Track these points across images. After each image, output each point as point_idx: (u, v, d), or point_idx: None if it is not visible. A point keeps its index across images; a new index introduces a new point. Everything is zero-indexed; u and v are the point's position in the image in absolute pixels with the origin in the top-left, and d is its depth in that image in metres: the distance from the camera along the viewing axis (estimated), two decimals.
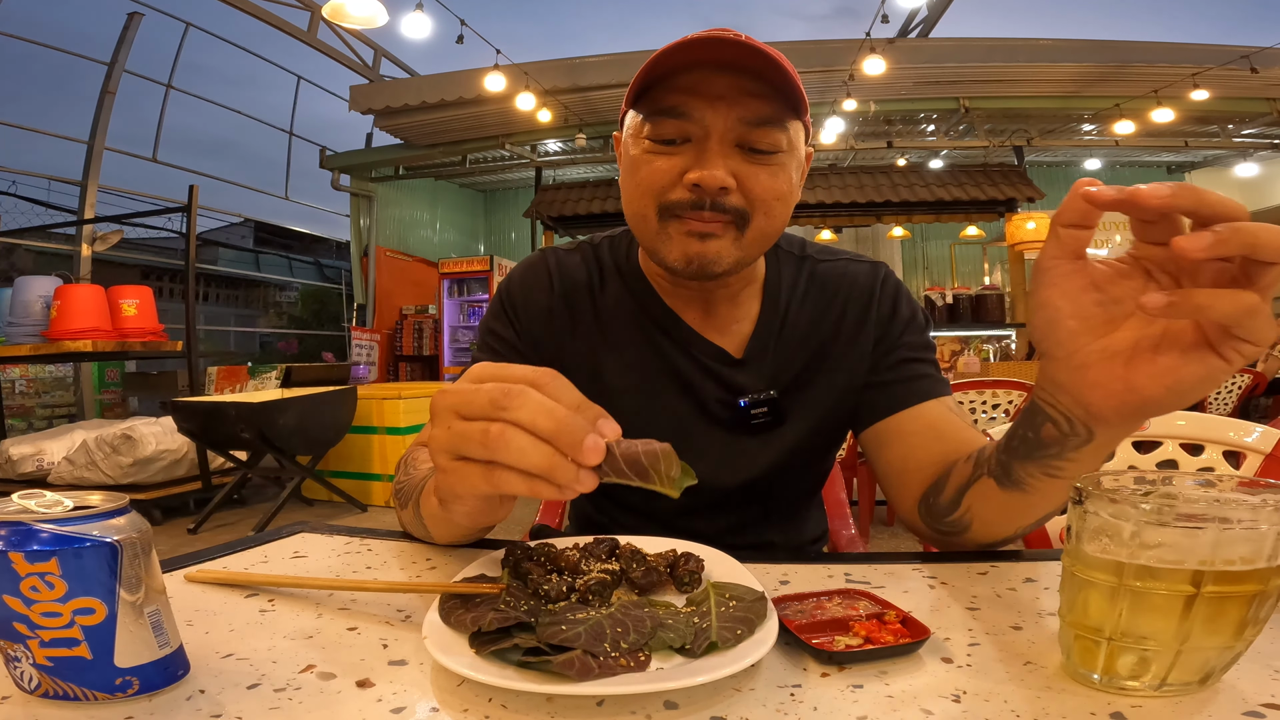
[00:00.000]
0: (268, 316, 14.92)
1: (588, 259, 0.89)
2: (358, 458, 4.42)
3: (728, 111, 0.70)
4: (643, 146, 0.73)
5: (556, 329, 0.85)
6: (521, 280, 0.88)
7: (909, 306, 0.87)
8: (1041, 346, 0.50)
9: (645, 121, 0.73)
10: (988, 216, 7.63)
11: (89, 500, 0.41)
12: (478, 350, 0.88)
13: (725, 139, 0.71)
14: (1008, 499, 0.60)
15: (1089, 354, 0.48)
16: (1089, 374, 0.48)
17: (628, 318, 0.85)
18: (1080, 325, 0.47)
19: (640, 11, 60.42)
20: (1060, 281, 0.47)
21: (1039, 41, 6.31)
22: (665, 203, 0.73)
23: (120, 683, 0.39)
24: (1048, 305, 0.48)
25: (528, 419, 0.40)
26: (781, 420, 0.83)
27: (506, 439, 0.40)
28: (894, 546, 3.19)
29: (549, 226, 7.86)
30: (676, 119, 0.71)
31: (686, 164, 0.71)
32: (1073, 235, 0.46)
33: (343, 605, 0.54)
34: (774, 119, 0.71)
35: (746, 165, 0.71)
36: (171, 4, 7.10)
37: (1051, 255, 0.47)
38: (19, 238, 6.85)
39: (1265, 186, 8.94)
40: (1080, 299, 0.47)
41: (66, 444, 4.13)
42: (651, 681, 0.39)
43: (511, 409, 0.41)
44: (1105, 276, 0.47)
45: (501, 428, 0.41)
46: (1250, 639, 0.38)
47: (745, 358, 0.83)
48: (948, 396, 0.81)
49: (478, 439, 0.41)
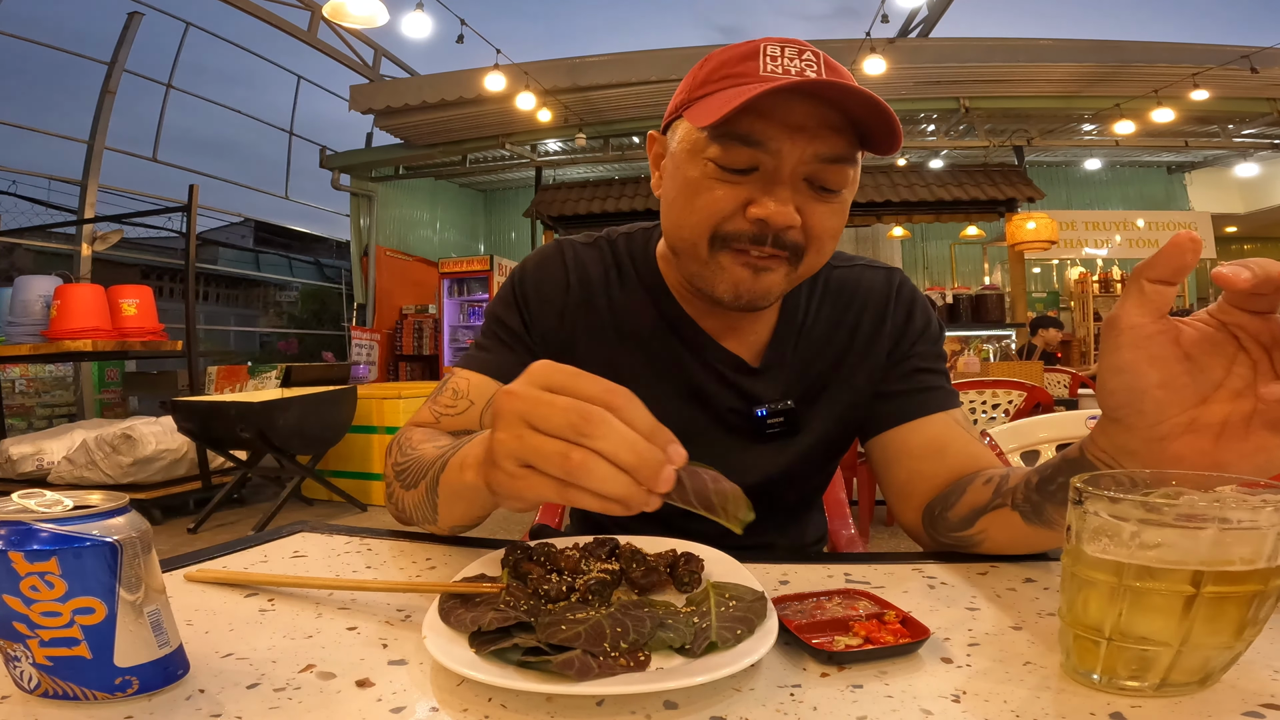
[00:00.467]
0: (268, 316, 14.90)
1: (604, 255, 0.86)
2: (358, 457, 4.42)
3: (806, 145, 0.65)
4: (703, 169, 0.68)
5: (569, 324, 0.83)
6: (535, 270, 0.85)
7: (923, 315, 0.85)
8: (1117, 413, 0.47)
9: (713, 143, 0.66)
10: (988, 216, 7.63)
11: (89, 500, 0.41)
12: (482, 337, 0.84)
13: (796, 173, 0.66)
14: (1031, 532, 0.59)
15: (1173, 426, 0.45)
16: (1170, 447, 0.45)
17: (644, 319, 0.82)
18: (1168, 396, 0.44)
19: (640, 11, 60.45)
20: (1146, 345, 0.43)
21: (1039, 41, 6.31)
22: (722, 233, 0.69)
23: (120, 682, 0.39)
24: (1131, 370, 0.44)
25: (609, 450, 0.40)
26: (796, 430, 0.82)
27: (589, 468, 0.40)
28: (894, 546, 3.19)
29: (549, 226, 7.86)
30: (751, 148, 0.65)
31: (750, 195, 0.67)
32: (1159, 292, 0.43)
33: (342, 605, 0.54)
34: (848, 156, 0.67)
35: (811, 202, 0.68)
36: (171, 4, 7.10)
37: (1135, 312, 0.43)
38: (19, 237, 6.85)
39: (1265, 186, 8.94)
40: (1171, 367, 0.44)
41: (66, 443, 4.13)
42: (651, 681, 0.39)
43: (593, 437, 0.40)
44: (1194, 343, 0.44)
45: (584, 456, 0.40)
46: (1250, 639, 0.38)
47: (762, 366, 0.82)
48: (956, 409, 0.80)
49: (557, 461, 0.40)
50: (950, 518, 0.67)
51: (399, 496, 0.67)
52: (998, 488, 0.62)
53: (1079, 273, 9.08)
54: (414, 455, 0.66)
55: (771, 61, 0.66)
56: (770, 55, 0.66)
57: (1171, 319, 0.44)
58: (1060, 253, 8.49)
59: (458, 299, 8.60)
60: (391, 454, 0.71)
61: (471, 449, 0.52)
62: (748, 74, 0.66)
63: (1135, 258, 8.76)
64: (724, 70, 0.68)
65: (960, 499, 0.66)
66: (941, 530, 0.69)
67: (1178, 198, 9.43)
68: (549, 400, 0.41)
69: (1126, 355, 0.44)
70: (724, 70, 0.68)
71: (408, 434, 0.73)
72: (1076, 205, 9.16)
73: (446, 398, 0.79)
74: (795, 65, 0.66)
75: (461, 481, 0.53)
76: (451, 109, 6.98)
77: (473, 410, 0.77)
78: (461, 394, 0.78)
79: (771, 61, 0.66)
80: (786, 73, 0.65)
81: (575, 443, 0.40)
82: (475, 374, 0.80)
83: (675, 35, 59.39)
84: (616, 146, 7.84)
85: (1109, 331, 0.45)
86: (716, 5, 59.88)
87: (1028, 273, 8.34)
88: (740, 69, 0.67)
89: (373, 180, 8.63)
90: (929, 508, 0.72)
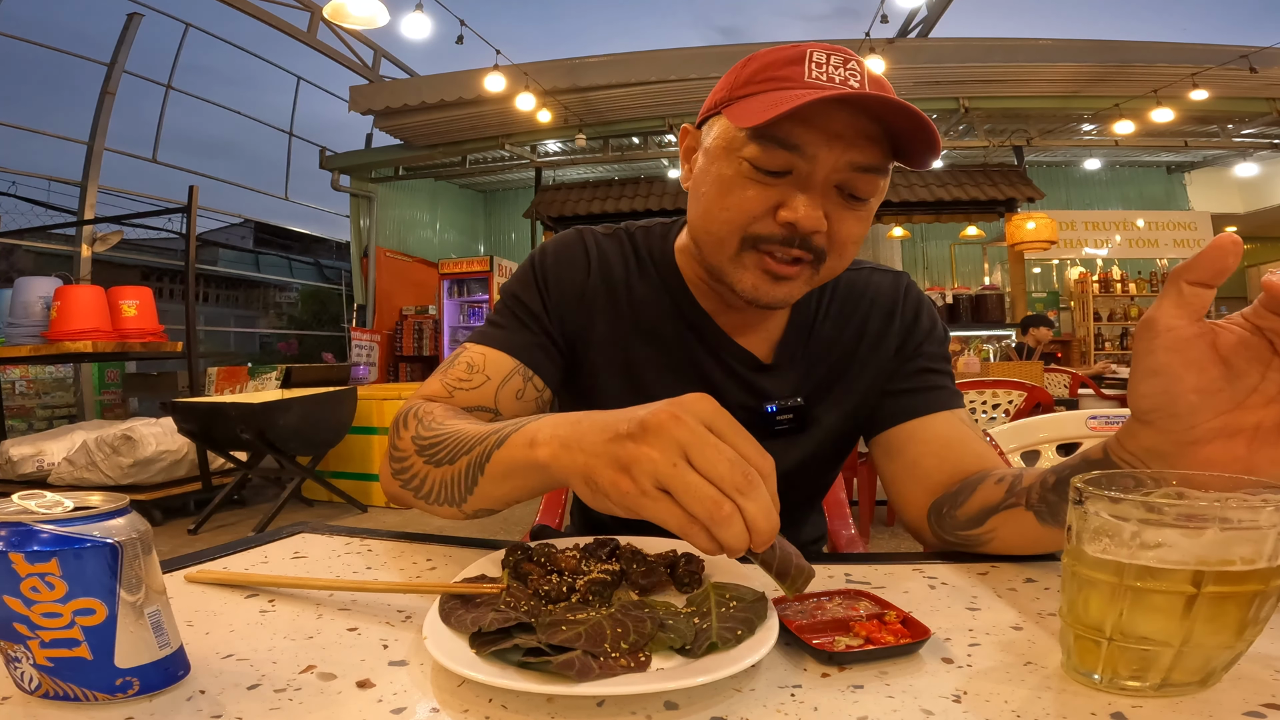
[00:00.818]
0: (268, 317, 14.91)
1: (624, 246, 0.86)
2: (358, 458, 4.42)
3: (842, 153, 0.66)
4: (738, 168, 0.68)
5: (587, 311, 0.82)
6: (556, 254, 0.84)
7: (930, 317, 0.87)
8: (1149, 416, 0.46)
9: (751, 142, 0.67)
10: (987, 216, 7.63)
11: (89, 501, 0.41)
12: (497, 315, 0.83)
13: (829, 179, 0.67)
14: (1044, 533, 0.59)
15: (1206, 430, 0.45)
16: (1202, 451, 0.45)
17: (660, 313, 0.83)
18: (1203, 400, 0.44)
19: (640, 11, 60.48)
20: (1183, 348, 0.43)
21: (1039, 41, 6.31)
22: (751, 234, 0.69)
23: (120, 683, 0.39)
24: (1166, 373, 0.44)
25: (752, 514, 0.42)
26: (804, 427, 0.83)
27: (731, 523, 0.42)
28: (894, 546, 3.19)
29: (549, 227, 7.87)
30: (789, 151, 0.66)
31: (781, 198, 0.68)
32: (1198, 294, 0.43)
33: (343, 605, 0.54)
34: (881, 167, 0.68)
35: (839, 209, 0.69)
36: (171, 4, 7.10)
37: (1172, 314, 0.43)
38: (19, 238, 6.84)
39: (1265, 186, 8.94)
40: (1207, 371, 0.43)
41: (67, 445, 4.13)
42: (651, 682, 0.39)
43: (747, 498, 0.42)
44: (1230, 346, 0.44)
45: (732, 511, 0.42)
46: (1251, 639, 0.38)
47: (774, 363, 0.83)
48: (961, 409, 0.81)
49: (708, 506, 0.42)
50: (959, 516, 0.67)
51: (419, 472, 0.64)
52: (1011, 487, 0.63)
53: (1079, 273, 9.08)
54: (447, 431, 0.64)
55: (817, 68, 0.66)
56: (816, 62, 0.66)
57: (1208, 322, 0.44)
58: (1060, 253, 8.49)
59: (458, 300, 8.60)
60: (408, 427, 0.68)
61: (545, 429, 0.52)
62: (792, 78, 0.66)
63: (1135, 258, 8.76)
64: (768, 73, 0.68)
65: (971, 497, 0.67)
66: (948, 528, 0.69)
67: (1177, 198, 9.43)
68: (716, 446, 0.43)
69: (1162, 358, 0.44)
70: (768, 73, 0.68)
71: (427, 409, 0.70)
72: (1076, 205, 9.16)
73: (460, 371, 0.77)
74: (840, 74, 0.66)
75: (528, 458, 0.53)
76: (451, 110, 6.99)
77: (488, 385, 0.76)
78: (477, 368, 0.77)
79: (817, 68, 0.66)
80: (831, 81, 0.66)
81: (729, 497, 0.42)
82: (490, 349, 0.79)
83: (674, 36, 59.50)
84: (616, 147, 7.85)
85: (1144, 333, 0.45)
86: (715, 6, 59.93)
87: (1027, 273, 8.34)
88: (785, 73, 0.67)
89: (372, 181, 8.63)
90: (936, 505, 0.72)
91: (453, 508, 0.62)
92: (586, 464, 0.47)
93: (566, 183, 8.66)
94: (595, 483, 0.46)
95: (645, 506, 0.44)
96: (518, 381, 0.77)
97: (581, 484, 0.48)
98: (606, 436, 0.46)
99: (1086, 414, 1.13)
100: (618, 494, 0.45)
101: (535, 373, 0.79)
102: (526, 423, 0.55)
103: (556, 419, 0.53)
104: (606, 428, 0.47)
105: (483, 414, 0.74)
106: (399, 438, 0.69)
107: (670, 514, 0.43)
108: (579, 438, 0.48)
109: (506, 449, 0.55)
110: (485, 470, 0.57)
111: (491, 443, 0.57)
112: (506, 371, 0.77)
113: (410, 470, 0.65)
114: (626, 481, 0.44)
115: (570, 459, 0.49)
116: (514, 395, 0.77)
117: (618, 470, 0.45)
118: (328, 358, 9.00)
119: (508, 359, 0.78)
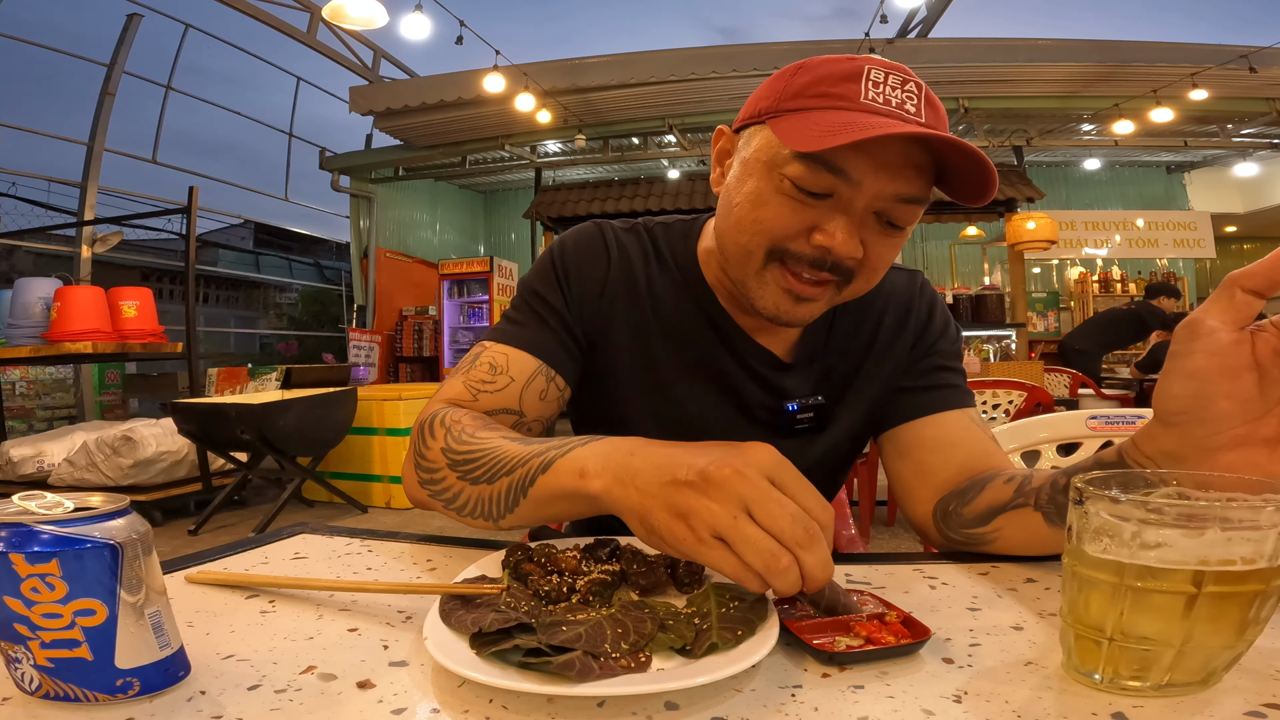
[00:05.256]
0: (268, 318, 14.91)
1: (643, 241, 0.84)
2: (358, 459, 4.42)
3: (889, 183, 0.64)
4: (778, 185, 0.66)
5: (608, 305, 0.81)
6: (576, 248, 0.82)
7: (944, 316, 0.87)
8: (1175, 419, 0.46)
9: (796, 160, 0.64)
10: (987, 216, 7.63)
11: (89, 502, 0.41)
12: (516, 312, 0.81)
13: (870, 206, 0.66)
14: (1052, 534, 0.59)
15: (1230, 437, 0.44)
16: (1223, 457, 0.45)
17: (681, 311, 0.82)
18: (1234, 407, 0.44)
19: (640, 12, 60.50)
20: (1222, 354, 0.43)
21: (1038, 41, 6.31)
22: (780, 249, 0.68)
23: (121, 684, 0.39)
24: (1202, 377, 0.43)
25: (809, 565, 0.43)
26: (824, 426, 0.83)
27: (787, 575, 0.43)
28: (894, 546, 3.19)
29: (549, 227, 7.86)
30: (834, 175, 0.63)
31: (819, 220, 0.66)
32: (1249, 303, 0.43)
33: (343, 606, 0.54)
34: (924, 198, 0.67)
35: (875, 235, 0.67)
36: (171, 5, 7.10)
37: (1218, 319, 0.43)
38: (19, 239, 6.85)
39: (1265, 186, 8.94)
40: (1242, 378, 0.43)
41: (67, 445, 4.12)
42: (652, 682, 0.39)
43: (806, 553, 0.43)
44: (1266, 355, 0.43)
45: (791, 564, 0.43)
46: (1251, 639, 0.38)
47: (794, 362, 0.83)
48: (972, 408, 0.81)
49: (766, 559, 0.42)
50: (965, 514, 0.67)
51: (453, 486, 0.63)
52: (1020, 487, 0.62)
53: (1079, 273, 9.08)
54: (482, 447, 0.62)
55: (874, 88, 0.64)
56: (874, 81, 0.64)
57: (1246, 330, 0.43)
58: (1060, 253, 8.49)
59: (458, 300, 8.59)
60: (436, 437, 0.66)
61: (595, 458, 0.52)
62: (848, 97, 0.64)
63: (1135, 258, 8.76)
64: (822, 88, 0.65)
65: (979, 496, 0.66)
66: (954, 526, 0.69)
67: (1177, 197, 9.43)
68: (780, 501, 0.44)
69: (1200, 362, 0.44)
70: (822, 88, 0.65)
71: (454, 417, 0.67)
72: (1076, 205, 9.16)
73: (482, 372, 0.75)
74: (897, 95, 0.64)
75: (578, 488, 0.53)
76: (451, 110, 6.98)
77: (513, 387, 0.75)
78: (500, 369, 0.75)
79: (874, 88, 0.64)
80: (888, 102, 0.63)
81: (789, 549, 0.43)
82: (512, 349, 0.77)
83: (674, 36, 59.44)
84: (616, 147, 7.85)
85: (1186, 335, 0.44)
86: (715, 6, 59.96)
87: (1028, 273, 8.34)
88: (840, 90, 0.64)
89: (372, 182, 8.63)
90: (942, 502, 0.72)
91: (488, 522, 0.62)
92: (642, 504, 0.47)
93: (566, 183, 8.66)
94: (650, 524, 0.47)
95: (701, 554, 0.44)
96: (541, 382, 0.76)
97: (636, 523, 0.48)
98: (664, 479, 0.46)
99: (1086, 414, 1.13)
100: (673, 539, 0.46)
101: (558, 372, 0.78)
102: (572, 446, 0.55)
103: (606, 447, 0.53)
104: (663, 469, 0.47)
105: (506, 416, 0.74)
106: (426, 447, 0.67)
107: (725, 562, 0.44)
108: (634, 475, 0.48)
109: (553, 475, 0.55)
110: (529, 494, 0.57)
111: (536, 466, 0.56)
112: (530, 372, 0.76)
113: (443, 484, 0.64)
114: (683, 529, 0.45)
115: (624, 496, 0.49)
116: (538, 396, 0.76)
117: (674, 517, 0.45)
118: (328, 358, 9.00)
119: (530, 359, 0.77)
